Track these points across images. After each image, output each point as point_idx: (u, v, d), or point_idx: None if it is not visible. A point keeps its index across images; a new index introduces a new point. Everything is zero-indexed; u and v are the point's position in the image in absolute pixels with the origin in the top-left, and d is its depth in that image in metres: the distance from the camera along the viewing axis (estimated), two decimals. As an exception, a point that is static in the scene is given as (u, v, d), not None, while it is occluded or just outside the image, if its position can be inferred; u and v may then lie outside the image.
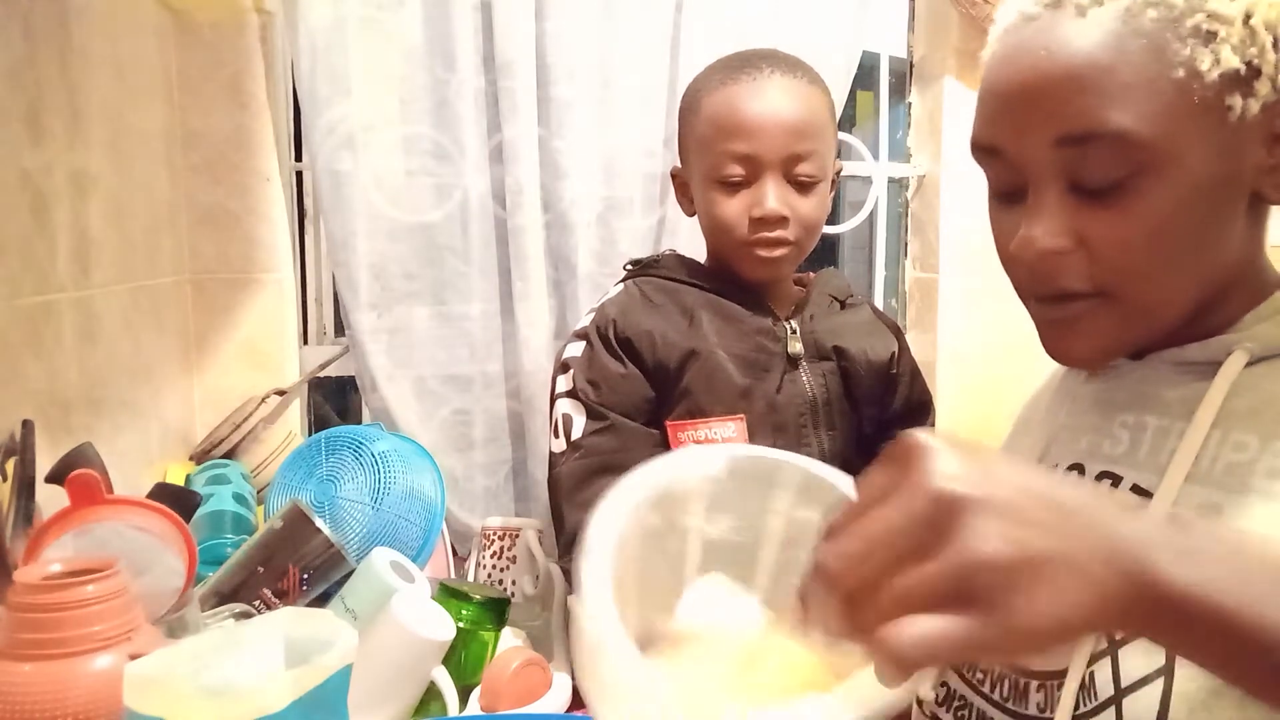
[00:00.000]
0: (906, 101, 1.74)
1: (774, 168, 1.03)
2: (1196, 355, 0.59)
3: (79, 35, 1.10)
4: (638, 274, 1.16)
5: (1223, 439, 0.55)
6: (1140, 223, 0.55)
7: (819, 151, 1.04)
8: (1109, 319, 0.58)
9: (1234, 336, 0.58)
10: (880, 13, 1.64)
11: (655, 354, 1.06)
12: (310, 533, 1.04)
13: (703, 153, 1.07)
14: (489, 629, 1.05)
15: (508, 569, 1.27)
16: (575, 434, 1.06)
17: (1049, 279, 0.58)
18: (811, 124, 1.04)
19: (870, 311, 1.21)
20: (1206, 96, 0.54)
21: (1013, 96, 0.57)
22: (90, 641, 0.66)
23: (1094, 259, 0.57)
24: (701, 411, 1.05)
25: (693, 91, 1.10)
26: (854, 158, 1.69)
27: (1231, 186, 0.56)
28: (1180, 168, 0.54)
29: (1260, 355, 0.57)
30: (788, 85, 1.04)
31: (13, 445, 0.90)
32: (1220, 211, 0.57)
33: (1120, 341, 0.60)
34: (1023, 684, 0.59)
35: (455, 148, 1.46)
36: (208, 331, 1.47)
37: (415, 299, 1.48)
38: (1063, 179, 0.57)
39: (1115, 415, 0.63)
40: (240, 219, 1.46)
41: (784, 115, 1.02)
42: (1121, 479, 0.60)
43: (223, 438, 1.40)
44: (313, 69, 1.40)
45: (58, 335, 1.04)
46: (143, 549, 0.86)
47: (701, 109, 1.07)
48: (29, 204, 0.99)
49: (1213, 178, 0.55)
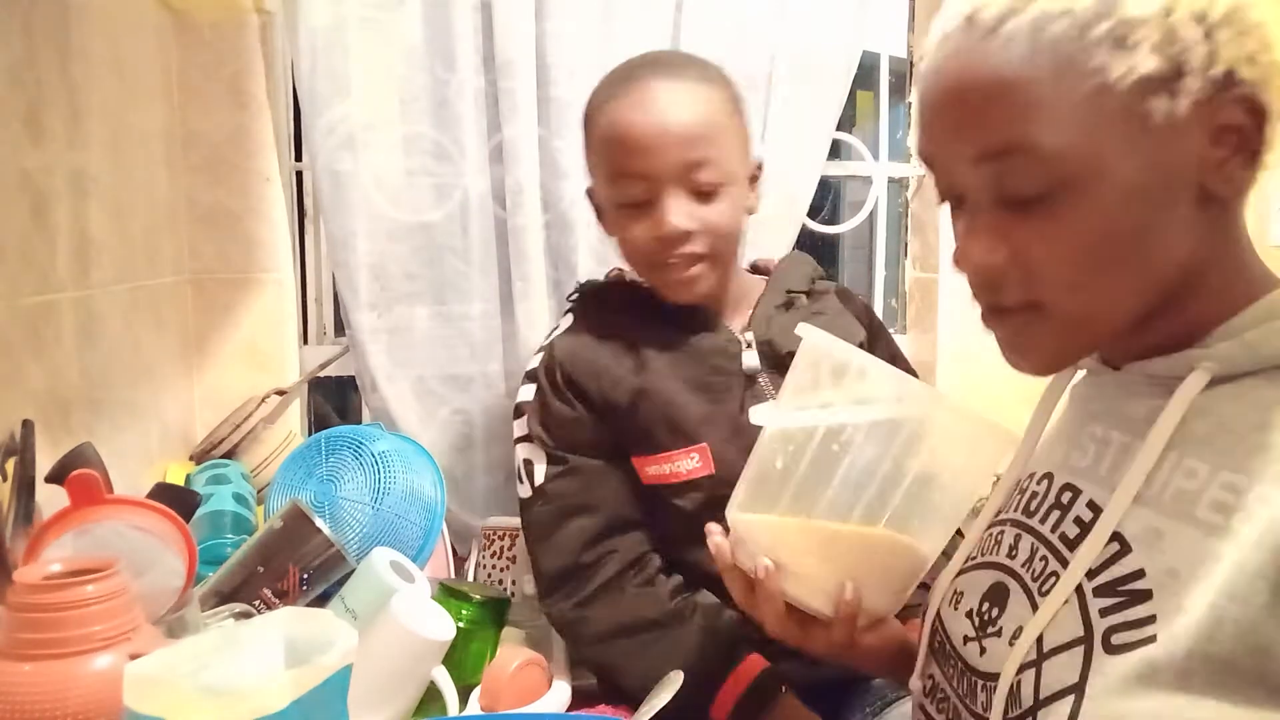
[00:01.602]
0: (906, 101, 1.74)
1: (671, 181, 0.97)
2: (1161, 370, 0.58)
3: (79, 35, 1.10)
4: (585, 302, 1.13)
5: (1176, 463, 0.55)
6: (1068, 236, 0.55)
7: (716, 155, 0.98)
8: (1045, 331, 0.58)
9: (1198, 353, 0.56)
10: (880, 13, 1.63)
11: (604, 395, 1.03)
12: (310, 533, 1.04)
13: (600, 179, 1.04)
14: (489, 629, 1.05)
15: (508, 569, 1.28)
16: (538, 479, 1.05)
17: (987, 292, 0.59)
18: (704, 127, 0.98)
19: (837, 299, 1.16)
20: (1125, 103, 0.53)
21: (936, 112, 0.58)
22: (90, 641, 0.66)
23: (1026, 272, 0.56)
24: (662, 446, 1.02)
25: (587, 110, 1.05)
26: (854, 158, 1.69)
27: (1168, 190, 0.54)
28: (1103, 179, 0.53)
29: (1223, 375, 0.55)
30: (672, 91, 0.98)
31: (13, 445, 0.90)
32: (1156, 217, 0.55)
33: (1064, 352, 0.60)
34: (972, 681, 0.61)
35: (455, 148, 1.46)
36: (208, 331, 1.47)
37: (415, 299, 1.48)
38: (991, 192, 0.57)
39: (1088, 426, 0.63)
40: (240, 219, 1.46)
41: (670, 125, 0.96)
42: (1081, 492, 0.60)
43: (223, 438, 1.40)
44: (313, 69, 1.40)
45: (58, 335, 1.04)
46: (143, 549, 0.86)
47: (594, 130, 1.03)
48: (29, 204, 0.99)
49: (1142, 184, 0.54)
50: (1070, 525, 0.59)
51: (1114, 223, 0.54)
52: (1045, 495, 0.63)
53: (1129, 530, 0.55)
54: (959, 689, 0.62)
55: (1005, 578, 0.62)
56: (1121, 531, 0.55)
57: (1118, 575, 0.54)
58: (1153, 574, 0.52)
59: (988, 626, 0.61)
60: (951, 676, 0.64)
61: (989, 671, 0.59)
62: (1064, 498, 0.61)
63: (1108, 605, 0.53)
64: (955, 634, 0.64)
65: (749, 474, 0.74)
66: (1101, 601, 0.53)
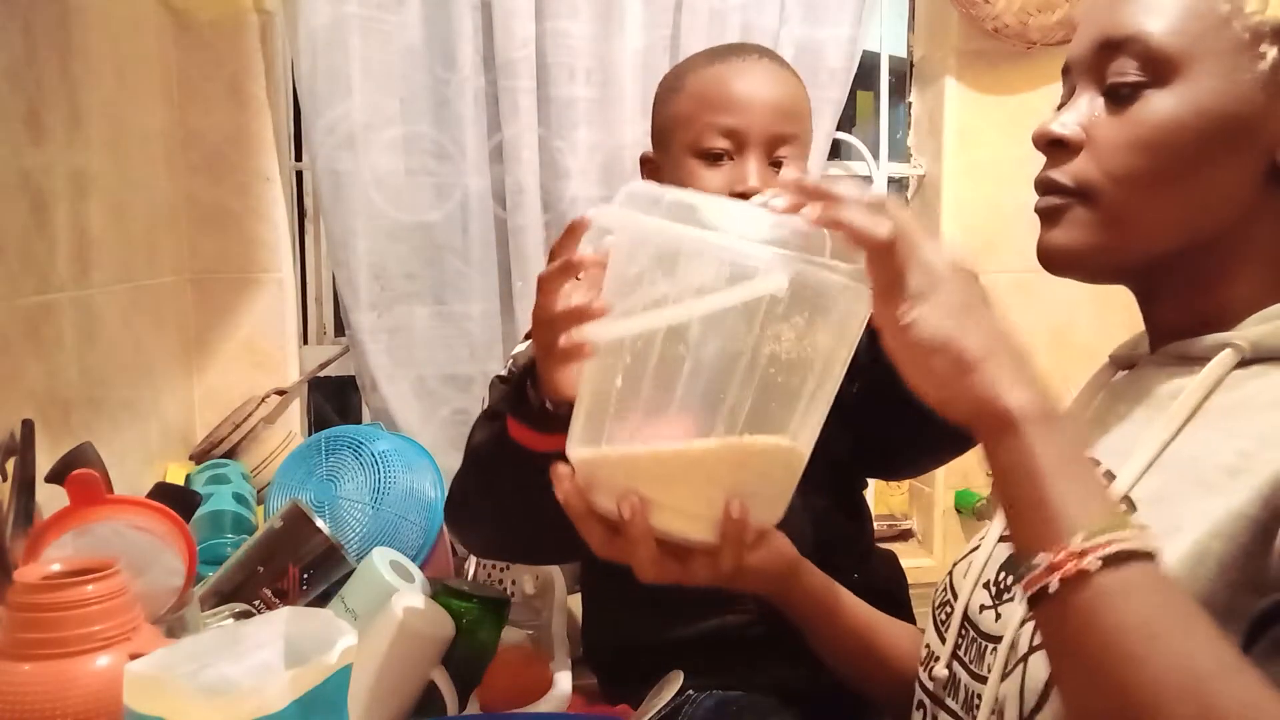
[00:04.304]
0: (906, 101, 1.74)
1: (758, 145, 1.00)
2: (1194, 350, 0.60)
3: (79, 35, 1.10)
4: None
5: (1193, 434, 0.57)
6: (1133, 128, 0.58)
7: (801, 138, 1.02)
8: (1084, 219, 0.61)
9: (1230, 335, 0.58)
10: (880, 13, 1.64)
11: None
12: (310, 532, 1.04)
13: (685, 127, 1.03)
14: (489, 629, 1.05)
15: (508, 569, 1.27)
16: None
17: (1048, 165, 0.62)
18: (797, 110, 1.02)
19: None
20: (1241, 36, 0.56)
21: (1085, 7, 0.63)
22: (90, 641, 0.66)
23: (1090, 154, 0.60)
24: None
25: (675, 74, 1.08)
26: (854, 158, 1.69)
27: (1239, 135, 0.57)
28: (1190, 88, 0.57)
29: (1252, 357, 0.57)
30: (776, 70, 1.03)
31: (13, 445, 0.90)
32: (1217, 155, 0.57)
33: (1091, 246, 0.61)
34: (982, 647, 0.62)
35: (455, 148, 1.46)
36: (208, 331, 1.47)
37: (415, 299, 1.48)
38: (1098, 82, 0.61)
39: (1116, 406, 0.65)
40: (240, 219, 1.46)
41: (772, 95, 1.00)
42: (1100, 464, 0.61)
43: (223, 437, 1.40)
44: (313, 69, 1.40)
45: (58, 335, 1.04)
46: (143, 549, 0.86)
47: (686, 86, 1.04)
48: (29, 204, 0.99)
49: (1218, 112, 0.56)
50: None
51: (1179, 132, 0.57)
52: None
53: (1140, 494, 0.56)
54: (967, 657, 0.64)
55: None
56: (1133, 496, 0.56)
57: None
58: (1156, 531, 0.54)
59: (1003, 594, 0.63)
60: (961, 647, 0.65)
61: (998, 635, 0.60)
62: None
63: None
64: (973, 606, 0.65)
65: (584, 401, 0.63)
66: None
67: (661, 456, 0.60)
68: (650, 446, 0.60)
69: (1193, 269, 0.60)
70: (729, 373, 0.57)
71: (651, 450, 0.60)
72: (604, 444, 0.61)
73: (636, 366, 0.59)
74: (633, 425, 0.60)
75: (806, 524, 0.94)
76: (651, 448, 0.60)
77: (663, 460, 0.60)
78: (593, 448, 0.62)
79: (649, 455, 0.60)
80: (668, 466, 0.60)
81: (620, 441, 0.60)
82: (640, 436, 0.60)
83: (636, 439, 0.60)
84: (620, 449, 0.61)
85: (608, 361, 0.61)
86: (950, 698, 0.66)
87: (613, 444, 0.61)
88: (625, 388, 0.59)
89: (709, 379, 0.58)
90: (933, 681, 0.67)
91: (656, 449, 0.60)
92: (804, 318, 0.57)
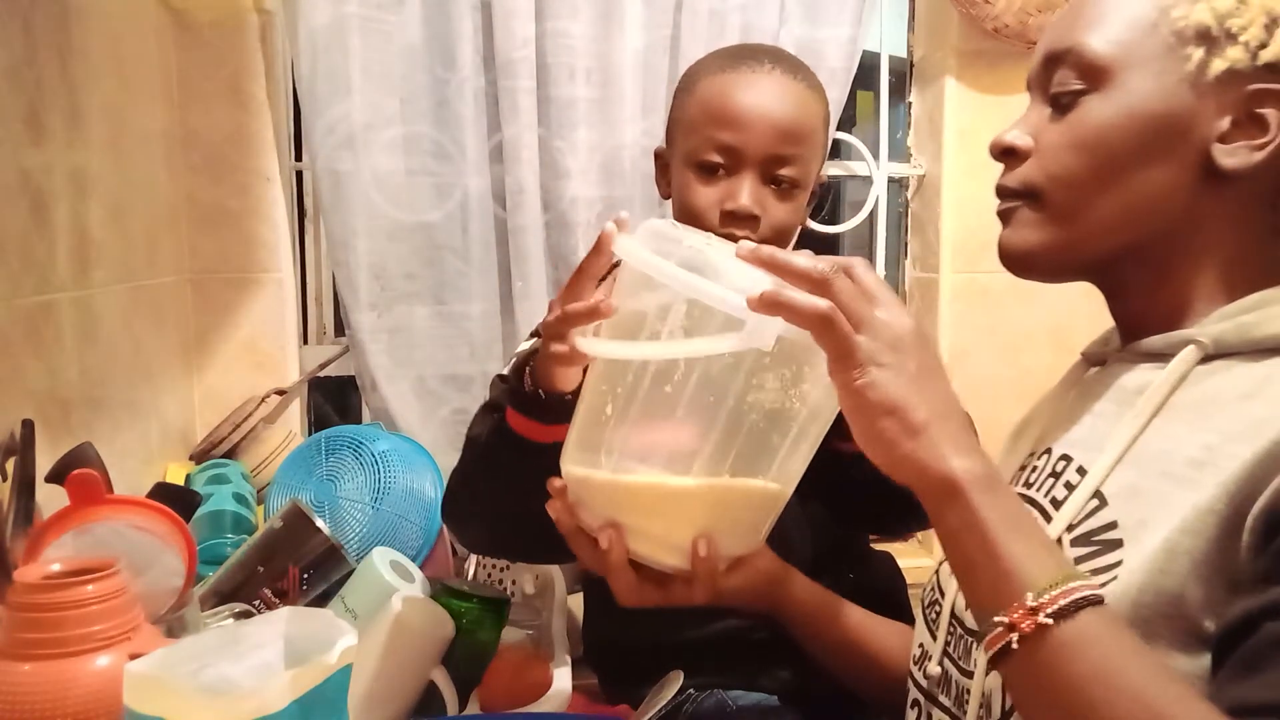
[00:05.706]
0: (906, 101, 1.74)
1: (754, 165, 0.99)
2: (1158, 346, 0.62)
3: (79, 35, 1.10)
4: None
5: (1160, 428, 0.59)
6: (1072, 131, 0.62)
7: (804, 157, 1.00)
8: (1036, 219, 0.64)
9: (1193, 331, 0.60)
10: (880, 13, 1.64)
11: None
12: (310, 532, 1.04)
13: (687, 134, 1.04)
14: (489, 629, 1.05)
15: (508, 569, 1.27)
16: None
17: (1003, 173, 0.66)
18: (802, 128, 1.00)
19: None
20: (1170, 40, 0.59)
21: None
22: (90, 641, 0.66)
23: (1036, 158, 0.64)
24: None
25: (691, 73, 1.07)
26: (854, 158, 1.69)
27: (1171, 134, 0.60)
28: (1122, 91, 0.60)
29: (1215, 353, 0.59)
30: (785, 85, 1.01)
31: (13, 445, 0.90)
32: (1152, 151, 0.60)
33: (1040, 244, 0.64)
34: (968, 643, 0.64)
35: (455, 148, 1.46)
36: (208, 331, 1.47)
37: (415, 299, 1.48)
38: (1045, 93, 0.65)
39: (1088, 403, 0.67)
40: (240, 219, 1.46)
41: (775, 113, 0.99)
42: (1073, 460, 0.64)
43: (223, 437, 1.40)
44: (313, 69, 1.40)
45: (58, 335, 1.04)
46: (143, 549, 0.86)
47: (695, 90, 1.04)
48: (29, 204, 0.99)
49: (1150, 113, 0.60)
50: (1060, 489, 0.62)
51: (1113, 132, 0.61)
52: (1044, 467, 0.66)
53: (1109, 489, 0.58)
54: (956, 653, 0.65)
55: None
56: (1103, 490, 0.59)
57: (1093, 527, 0.58)
58: (1125, 525, 0.56)
59: None
60: (950, 643, 0.66)
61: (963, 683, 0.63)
62: (1058, 466, 0.65)
63: (1082, 554, 0.57)
64: (960, 603, 0.67)
65: (579, 416, 0.66)
66: (1077, 551, 0.57)
67: (643, 488, 0.62)
68: (634, 477, 0.62)
69: (1148, 265, 0.63)
70: (714, 417, 0.60)
71: (635, 481, 0.62)
72: (593, 465, 0.64)
73: (626, 396, 0.61)
74: (620, 452, 0.62)
75: (798, 530, 0.94)
76: (635, 479, 0.62)
77: (644, 491, 0.62)
78: (583, 468, 0.65)
79: (631, 485, 0.62)
80: (649, 498, 0.63)
81: (607, 466, 0.63)
82: (624, 467, 0.63)
83: (622, 468, 0.63)
84: (606, 475, 0.63)
85: (602, 387, 0.64)
86: (943, 694, 0.66)
87: (600, 468, 0.63)
88: (617, 414, 0.62)
89: (696, 420, 0.60)
90: (926, 679, 0.68)
91: (640, 481, 0.62)
92: (791, 370, 0.60)
